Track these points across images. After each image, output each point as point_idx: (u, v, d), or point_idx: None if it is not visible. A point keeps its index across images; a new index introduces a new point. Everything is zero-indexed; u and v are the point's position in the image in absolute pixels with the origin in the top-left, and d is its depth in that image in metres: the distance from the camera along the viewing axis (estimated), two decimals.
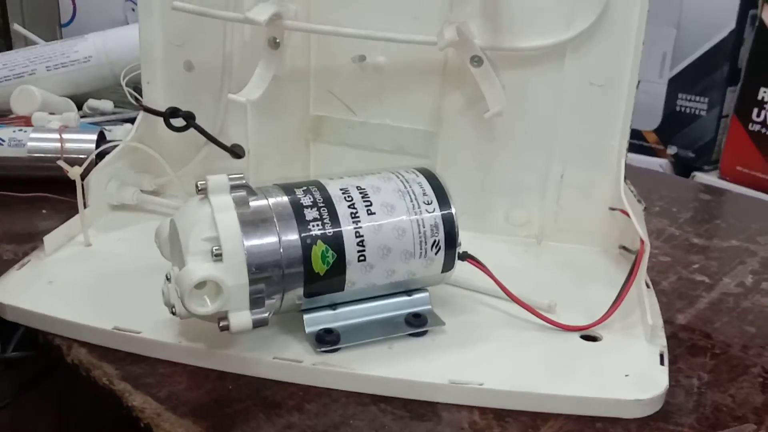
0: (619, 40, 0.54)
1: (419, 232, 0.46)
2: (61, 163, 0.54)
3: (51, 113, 0.74)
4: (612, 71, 0.55)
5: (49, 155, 0.67)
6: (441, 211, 0.46)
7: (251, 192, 0.44)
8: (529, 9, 0.54)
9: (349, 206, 0.45)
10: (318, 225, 0.44)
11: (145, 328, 0.46)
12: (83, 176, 0.55)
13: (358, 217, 0.45)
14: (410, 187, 0.47)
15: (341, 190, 0.46)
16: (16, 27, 0.99)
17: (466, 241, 0.48)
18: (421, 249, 0.46)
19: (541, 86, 0.56)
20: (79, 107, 0.86)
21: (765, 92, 0.87)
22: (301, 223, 0.44)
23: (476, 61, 0.55)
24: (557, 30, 0.54)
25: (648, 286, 0.52)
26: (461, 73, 0.56)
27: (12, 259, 0.56)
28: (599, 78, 0.55)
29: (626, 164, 0.56)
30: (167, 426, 0.41)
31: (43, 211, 0.64)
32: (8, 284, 0.51)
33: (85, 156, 0.59)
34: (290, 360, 0.44)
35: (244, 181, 0.44)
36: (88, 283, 0.52)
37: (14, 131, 0.68)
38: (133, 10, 1.01)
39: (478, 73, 0.55)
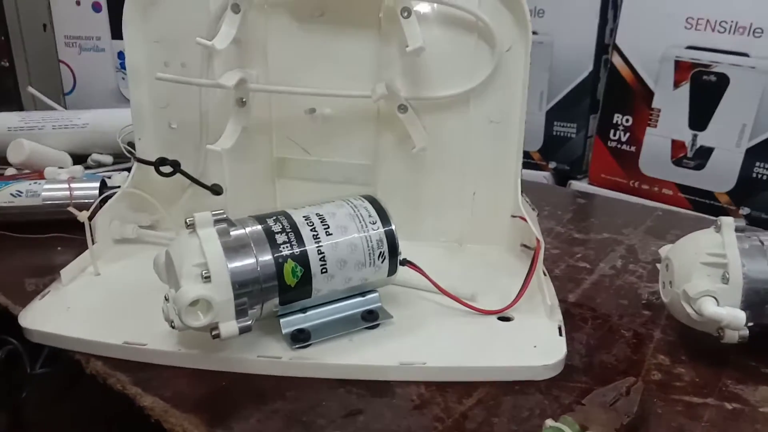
0: (510, 86, 0.54)
1: (368, 246, 0.45)
2: (71, 209, 0.51)
3: (60, 167, 0.71)
4: (506, 110, 0.55)
5: (61, 202, 0.64)
6: (384, 228, 0.46)
7: (231, 224, 0.43)
8: (441, 67, 0.54)
9: (311, 230, 0.44)
10: (287, 246, 0.43)
11: (150, 340, 0.44)
12: (90, 218, 0.53)
13: (319, 238, 0.44)
14: (358, 211, 0.46)
15: (304, 217, 0.45)
16: (30, 89, 0.95)
17: (405, 249, 0.47)
18: (370, 259, 0.45)
19: (453, 125, 0.56)
20: (84, 160, 0.83)
21: (618, 117, 0.89)
22: (273, 246, 0.43)
23: (402, 108, 0.55)
24: (463, 82, 0.55)
25: (545, 274, 0.53)
26: (391, 119, 0.56)
27: (34, 290, 0.53)
28: (497, 116, 0.56)
29: (521, 180, 0.57)
30: (174, 420, 0.39)
31: (58, 249, 0.61)
32: (33, 312, 0.48)
33: (91, 201, 0.57)
34: (271, 357, 0.43)
35: (224, 216, 0.43)
36: (99, 306, 0.49)
37: (30, 184, 0.65)
38: (123, 78, 0.98)
39: (404, 118, 0.55)
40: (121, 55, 0.99)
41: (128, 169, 0.62)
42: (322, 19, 0.55)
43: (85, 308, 0.49)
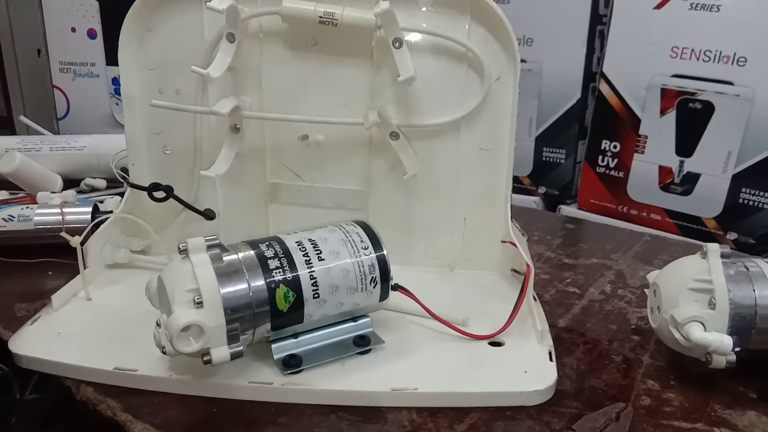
0: (499, 114, 0.55)
1: (360, 272, 0.45)
2: (63, 234, 0.51)
3: (53, 191, 0.71)
4: (496, 138, 0.56)
5: (53, 227, 0.64)
6: (375, 253, 0.46)
7: (224, 249, 0.43)
8: (431, 96, 0.55)
9: (303, 255, 0.44)
10: (279, 272, 0.43)
11: (141, 366, 0.44)
12: (82, 243, 0.53)
13: (311, 263, 0.44)
14: (350, 236, 0.46)
15: (296, 242, 0.45)
16: (22, 118, 0.96)
17: (396, 273, 0.48)
18: (362, 284, 0.45)
19: (444, 152, 0.57)
20: (77, 184, 0.84)
21: (606, 143, 0.90)
22: (266, 271, 0.43)
23: (394, 135, 0.55)
24: (453, 110, 0.55)
25: (535, 299, 0.53)
26: (383, 146, 0.57)
27: (25, 315, 0.52)
28: (487, 144, 0.56)
29: (511, 205, 0.57)
30: None
31: (50, 273, 0.61)
32: (23, 338, 0.48)
33: (84, 226, 0.57)
34: (262, 383, 0.43)
35: (217, 241, 0.43)
36: (90, 331, 0.49)
37: (22, 208, 0.65)
38: (117, 104, 0.99)
39: (396, 145, 0.56)
40: (115, 81, 0.99)
41: (121, 194, 0.62)
42: (316, 48, 0.56)
43: (76, 333, 0.49)
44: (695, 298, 0.44)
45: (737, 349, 0.43)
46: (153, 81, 0.57)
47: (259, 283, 0.42)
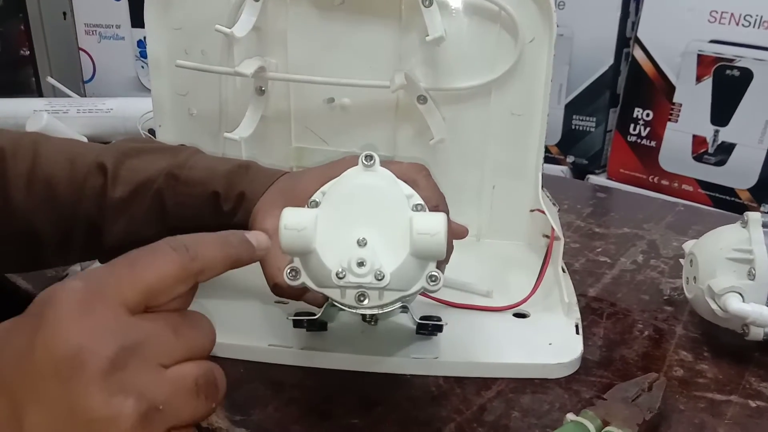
0: (533, 79, 0.53)
1: None
2: None
3: None
4: (528, 103, 0.54)
5: None
6: None
7: None
8: (462, 57, 0.54)
9: None
10: None
11: None
12: None
13: None
14: None
15: None
16: (49, 79, 0.96)
17: None
18: None
19: (473, 118, 0.55)
20: None
21: (638, 112, 0.88)
22: None
23: (422, 99, 0.54)
24: (484, 73, 0.54)
25: (564, 271, 0.52)
26: (410, 110, 0.55)
27: (54, 275, 0.53)
28: (519, 109, 0.55)
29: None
30: None
31: None
32: None
33: None
34: (285, 346, 0.43)
35: None
36: None
37: None
38: (143, 67, 0.98)
39: (423, 109, 0.54)
40: (140, 43, 0.99)
41: None
42: (343, 8, 0.54)
43: None
44: (734, 269, 0.42)
45: None
46: (178, 42, 0.57)
47: None
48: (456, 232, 0.41)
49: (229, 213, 0.43)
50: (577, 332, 0.45)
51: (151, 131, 0.60)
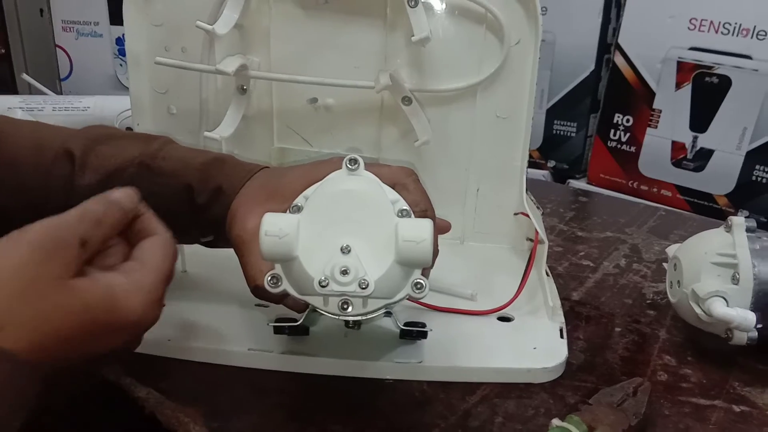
0: (518, 81, 0.53)
1: None
2: None
3: None
4: (514, 106, 0.54)
5: None
6: None
7: None
8: (447, 59, 0.53)
9: None
10: None
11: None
12: None
13: None
14: None
15: None
16: (24, 76, 0.93)
17: None
18: None
19: (458, 120, 0.55)
20: None
21: (619, 117, 0.88)
22: None
23: (406, 100, 0.53)
24: (470, 75, 0.53)
25: (548, 274, 0.51)
26: (395, 111, 0.54)
27: None
28: (504, 111, 0.54)
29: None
30: (169, 413, 0.37)
31: None
32: None
33: None
34: (265, 350, 0.42)
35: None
36: None
37: None
38: (121, 65, 0.96)
39: (408, 110, 0.54)
40: (119, 41, 0.97)
41: None
42: (327, 7, 0.53)
43: None
44: (718, 273, 0.42)
45: (759, 325, 0.41)
46: (159, 38, 0.55)
47: None
48: (438, 227, 0.40)
49: (204, 207, 0.41)
50: (562, 336, 0.45)
51: (129, 130, 0.58)
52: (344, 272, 0.31)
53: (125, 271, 0.31)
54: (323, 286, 0.31)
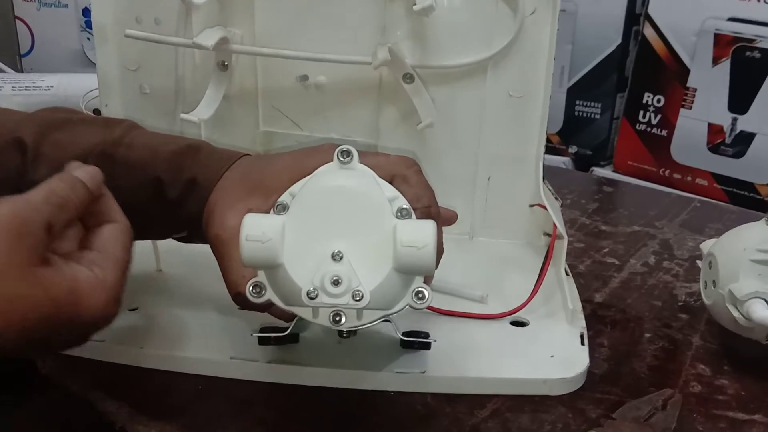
0: (534, 56, 0.53)
1: None
2: None
3: None
4: (528, 83, 0.54)
5: None
6: None
7: None
8: (453, 31, 0.53)
9: None
10: None
11: (111, 336, 0.42)
12: None
13: None
14: None
15: None
16: None
17: None
18: None
19: (466, 99, 0.55)
20: None
21: (649, 97, 0.88)
22: None
23: (408, 78, 0.53)
24: (479, 49, 0.53)
25: (567, 274, 0.51)
26: (395, 90, 0.54)
27: None
28: (518, 90, 0.54)
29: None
30: (141, 428, 0.38)
31: None
32: None
33: None
34: (249, 359, 0.42)
35: None
36: None
37: None
38: (89, 39, 0.97)
39: (410, 89, 0.54)
40: (86, 12, 0.97)
41: None
42: None
43: None
44: (758, 272, 0.42)
45: None
46: (129, 8, 0.55)
47: None
48: (443, 218, 0.40)
49: (176, 202, 0.41)
50: (582, 343, 0.45)
51: (97, 112, 0.58)
52: (336, 282, 0.31)
53: (88, 263, 0.32)
54: (312, 298, 0.31)
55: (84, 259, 0.33)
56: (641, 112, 0.89)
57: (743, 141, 0.82)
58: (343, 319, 0.31)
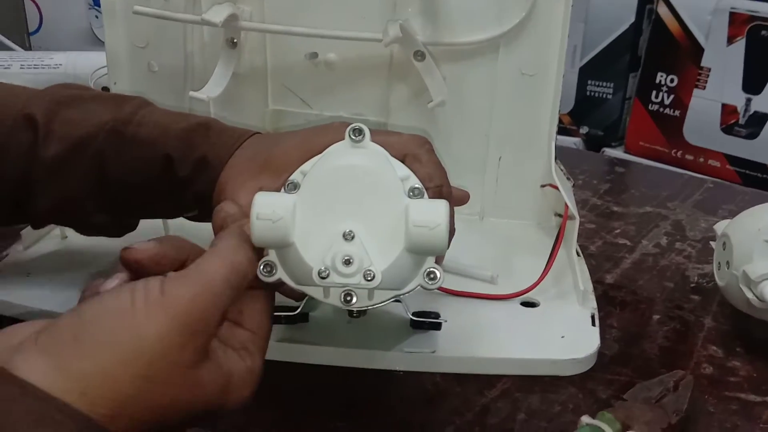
0: (547, 33, 0.52)
1: None
2: None
3: None
4: (541, 61, 0.53)
5: None
6: None
7: None
8: (465, 7, 0.52)
9: None
10: None
11: None
12: None
13: None
14: None
15: None
16: None
17: None
18: None
19: (478, 77, 0.54)
20: None
21: (662, 77, 0.87)
22: None
23: (419, 55, 0.52)
24: (491, 26, 0.52)
25: (578, 254, 0.51)
26: (406, 68, 0.54)
27: None
28: (530, 68, 0.53)
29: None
30: None
31: None
32: None
33: None
34: None
35: None
36: (63, 274, 0.48)
37: None
38: (97, 17, 0.96)
39: (421, 66, 0.53)
40: None
41: None
42: None
43: (47, 275, 0.48)
44: None
45: None
46: None
47: None
48: (455, 198, 0.40)
49: (186, 180, 0.40)
50: (593, 324, 0.45)
51: (106, 89, 0.58)
52: (347, 262, 0.30)
53: (241, 346, 0.30)
54: (323, 278, 0.31)
55: (236, 341, 0.30)
56: (654, 92, 0.88)
57: (757, 122, 0.81)
58: (354, 299, 0.31)
